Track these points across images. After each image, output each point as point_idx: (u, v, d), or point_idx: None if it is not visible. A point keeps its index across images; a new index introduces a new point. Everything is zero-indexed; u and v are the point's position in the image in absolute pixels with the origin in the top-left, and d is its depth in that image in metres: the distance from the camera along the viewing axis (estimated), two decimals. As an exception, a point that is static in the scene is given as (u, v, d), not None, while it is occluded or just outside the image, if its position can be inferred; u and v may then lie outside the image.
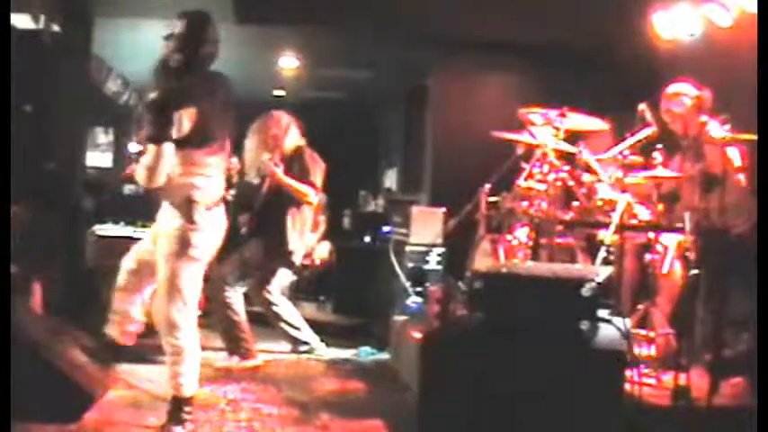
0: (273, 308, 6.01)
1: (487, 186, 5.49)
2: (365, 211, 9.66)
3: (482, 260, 5.31)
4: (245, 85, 6.61)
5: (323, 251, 7.40)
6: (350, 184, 9.27)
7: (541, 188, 5.11)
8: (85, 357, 4.39)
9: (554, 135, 5.22)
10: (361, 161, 10.95)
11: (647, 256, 4.92)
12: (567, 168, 5.20)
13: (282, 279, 6.11)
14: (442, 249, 6.45)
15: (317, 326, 6.34)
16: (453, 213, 6.00)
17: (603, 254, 4.70)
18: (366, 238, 8.41)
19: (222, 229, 4.12)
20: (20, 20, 5.99)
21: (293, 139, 6.02)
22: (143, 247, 4.16)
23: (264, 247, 5.91)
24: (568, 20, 6.58)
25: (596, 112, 5.42)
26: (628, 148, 4.92)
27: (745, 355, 4.29)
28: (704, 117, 4.74)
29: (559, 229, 5.09)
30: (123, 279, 4.15)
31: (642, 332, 4.69)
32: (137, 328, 4.21)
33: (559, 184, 5.14)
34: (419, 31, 7.32)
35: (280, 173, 5.85)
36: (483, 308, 3.73)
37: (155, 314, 4.02)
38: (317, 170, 6.00)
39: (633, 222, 4.88)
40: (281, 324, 6.04)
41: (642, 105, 4.99)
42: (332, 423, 4.35)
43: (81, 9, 6.52)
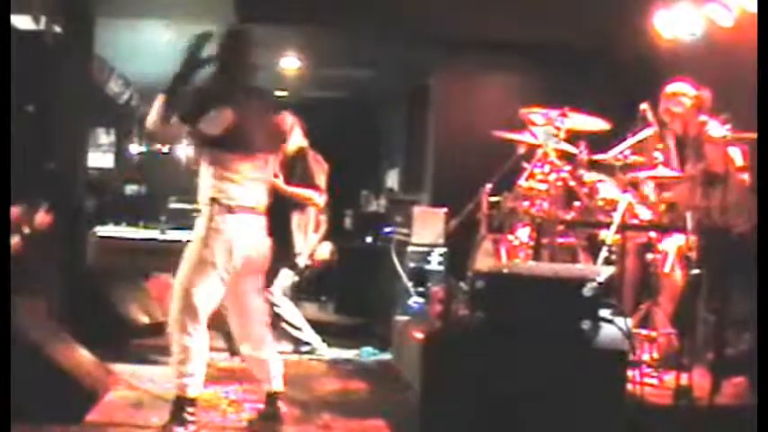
0: (275, 309, 5.99)
1: (489, 186, 5.50)
2: (367, 211, 9.66)
3: (484, 260, 5.31)
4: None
5: (324, 251, 7.38)
6: (351, 184, 9.24)
7: (543, 188, 5.11)
8: (86, 357, 4.39)
9: (555, 135, 5.22)
10: (363, 161, 10.93)
11: (648, 256, 4.92)
12: (569, 168, 5.20)
13: (284, 280, 6.11)
14: (443, 249, 6.45)
15: (318, 326, 6.35)
16: (455, 213, 6.01)
17: (605, 253, 4.69)
18: (368, 239, 8.41)
19: (257, 241, 4.07)
20: (21, 21, 6.01)
21: (296, 140, 6.02)
22: None
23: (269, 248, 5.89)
24: (570, 20, 6.59)
25: (597, 112, 5.42)
26: (628, 148, 4.92)
27: (746, 355, 4.27)
28: (704, 117, 4.74)
29: (561, 228, 5.10)
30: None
31: (644, 332, 4.69)
32: None
33: (561, 183, 5.14)
34: (421, 31, 7.32)
35: (280, 183, 5.69)
36: (485, 308, 3.72)
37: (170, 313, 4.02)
38: (320, 172, 5.99)
39: (634, 222, 4.87)
40: (282, 324, 6.03)
41: (644, 105, 4.99)
42: (334, 423, 4.36)
43: (82, 10, 6.54)
